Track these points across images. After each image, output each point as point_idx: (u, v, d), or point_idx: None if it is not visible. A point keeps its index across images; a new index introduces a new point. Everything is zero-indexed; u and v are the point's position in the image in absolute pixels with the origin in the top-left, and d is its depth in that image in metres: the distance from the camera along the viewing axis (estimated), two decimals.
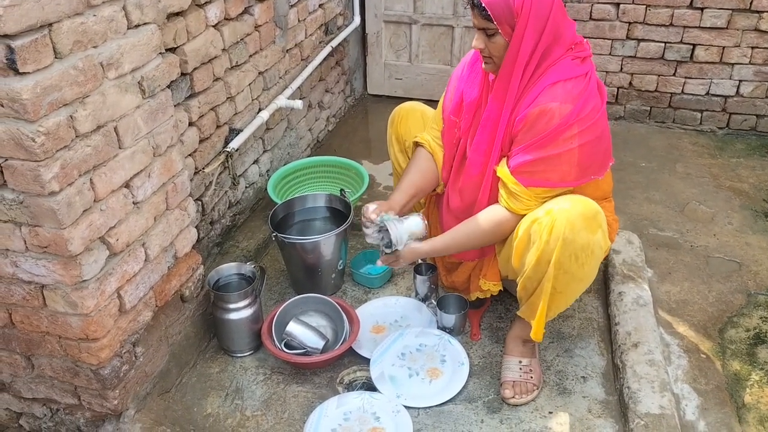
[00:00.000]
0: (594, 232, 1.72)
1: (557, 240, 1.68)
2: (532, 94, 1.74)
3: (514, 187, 1.77)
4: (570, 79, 1.72)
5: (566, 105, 1.69)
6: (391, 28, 3.85)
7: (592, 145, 1.74)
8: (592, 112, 1.72)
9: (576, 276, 1.75)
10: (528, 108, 1.73)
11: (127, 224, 1.67)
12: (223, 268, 2.15)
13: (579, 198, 1.73)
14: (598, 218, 1.73)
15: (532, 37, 1.69)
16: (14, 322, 1.68)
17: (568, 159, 1.72)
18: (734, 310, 2.26)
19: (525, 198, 1.77)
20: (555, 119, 1.69)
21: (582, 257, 1.72)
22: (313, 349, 2.01)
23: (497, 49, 1.74)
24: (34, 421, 1.89)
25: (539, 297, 1.79)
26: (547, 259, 1.71)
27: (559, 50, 1.74)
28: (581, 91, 1.71)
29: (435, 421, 1.86)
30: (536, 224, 1.72)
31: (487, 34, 1.73)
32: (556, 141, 1.70)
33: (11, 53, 1.28)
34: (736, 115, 3.44)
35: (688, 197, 2.94)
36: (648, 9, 3.31)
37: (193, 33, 2.09)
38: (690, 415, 1.88)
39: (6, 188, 1.45)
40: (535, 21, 1.67)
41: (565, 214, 1.68)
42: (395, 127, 2.26)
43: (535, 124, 1.72)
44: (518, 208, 1.79)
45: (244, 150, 2.61)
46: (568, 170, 1.74)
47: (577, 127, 1.70)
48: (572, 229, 1.68)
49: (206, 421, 1.90)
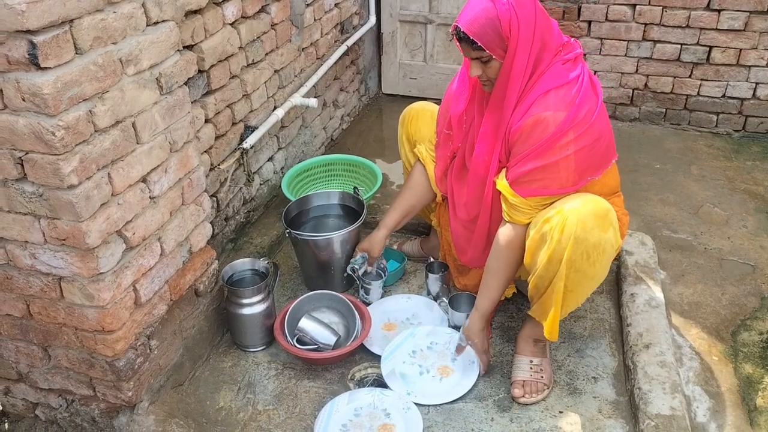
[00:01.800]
0: (605, 230, 1.72)
1: (569, 238, 1.68)
2: (525, 104, 1.76)
3: (513, 200, 1.79)
4: (562, 86, 1.73)
5: (560, 113, 1.70)
6: (407, 28, 3.86)
7: (589, 149, 1.74)
8: (587, 116, 1.72)
9: (587, 274, 1.76)
10: (522, 119, 1.74)
11: (143, 218, 1.70)
12: (236, 263, 2.17)
13: (590, 196, 1.74)
14: (610, 216, 1.74)
15: (524, 51, 1.71)
16: (32, 314, 1.71)
17: (566, 165, 1.73)
18: (747, 313, 2.25)
19: (525, 209, 1.79)
20: (550, 128, 1.70)
21: (594, 255, 1.73)
22: (324, 345, 2.03)
23: (495, 72, 1.77)
24: (50, 412, 1.92)
25: (551, 296, 1.79)
26: (559, 257, 1.71)
27: (548, 56, 1.75)
28: (574, 96, 1.72)
29: (445, 419, 1.87)
30: (548, 223, 1.72)
31: (482, 61, 1.75)
32: (552, 149, 1.71)
33: (33, 48, 1.31)
34: (752, 118, 3.41)
35: (703, 199, 2.92)
36: (664, 10, 3.29)
37: (210, 31, 2.11)
38: (701, 417, 1.87)
39: (26, 181, 1.47)
40: (524, 36, 1.70)
41: (576, 212, 1.68)
42: (406, 127, 2.29)
43: (530, 134, 1.73)
44: (520, 219, 1.81)
45: (259, 147, 2.63)
46: (566, 176, 1.75)
47: (572, 132, 1.70)
48: (584, 228, 1.68)
49: (218, 414, 1.92)
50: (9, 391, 1.94)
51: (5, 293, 1.69)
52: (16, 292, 1.68)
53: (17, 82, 1.34)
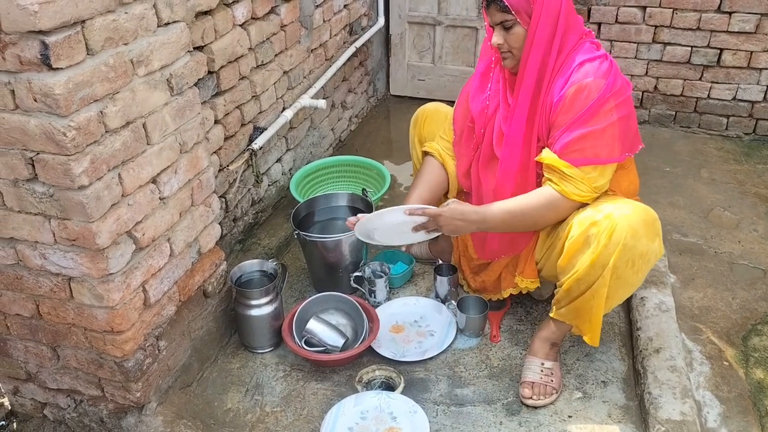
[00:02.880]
0: (653, 240, 1.72)
1: (617, 245, 1.67)
2: (562, 76, 1.76)
3: (566, 170, 1.75)
4: (596, 58, 1.76)
5: (600, 80, 1.72)
6: (415, 29, 3.85)
7: (627, 120, 1.76)
8: (623, 88, 1.75)
9: (628, 282, 1.75)
10: (563, 89, 1.75)
11: (153, 219, 1.70)
12: (245, 264, 2.17)
13: (639, 204, 1.75)
14: (657, 225, 1.74)
15: (548, 22, 1.73)
16: (41, 314, 1.71)
17: (612, 132, 1.73)
18: (758, 317, 2.23)
19: (578, 179, 1.75)
20: (593, 93, 1.71)
21: (638, 264, 1.72)
22: (332, 347, 2.02)
23: (517, 40, 1.77)
24: (58, 412, 1.92)
25: (590, 301, 1.77)
26: (603, 263, 1.69)
27: (573, 38, 1.78)
28: (609, 68, 1.75)
29: (453, 422, 1.86)
30: (595, 227, 1.70)
31: (505, 27, 1.77)
32: (597, 114, 1.71)
33: (45, 49, 1.31)
34: (763, 121, 3.39)
35: (713, 203, 2.90)
36: (675, 12, 3.28)
37: (220, 32, 2.12)
38: (712, 423, 1.86)
39: (37, 181, 1.48)
40: (550, 6, 1.72)
41: (627, 219, 1.67)
42: (418, 128, 2.27)
43: (574, 102, 1.73)
44: (571, 191, 1.76)
45: (267, 148, 2.63)
46: (613, 144, 1.74)
47: (613, 100, 1.72)
48: (634, 235, 1.67)
49: (226, 415, 1.91)
50: (18, 391, 1.94)
51: (15, 293, 1.69)
52: (25, 292, 1.68)
53: (29, 83, 1.34)
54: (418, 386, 1.99)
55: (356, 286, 2.29)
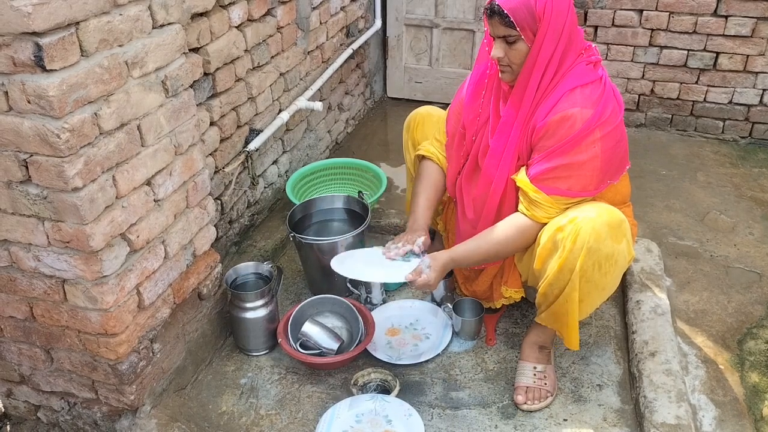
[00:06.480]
0: (619, 242, 1.71)
1: (581, 248, 1.66)
2: (550, 101, 1.73)
3: (535, 196, 1.75)
4: (588, 84, 1.71)
5: (587, 110, 1.68)
6: (412, 32, 3.85)
7: (612, 150, 1.73)
8: (612, 116, 1.71)
9: (598, 285, 1.74)
10: (548, 116, 1.72)
11: (147, 221, 1.69)
12: (240, 267, 2.17)
13: (604, 206, 1.72)
14: (623, 227, 1.72)
15: (552, 41, 1.68)
16: (35, 316, 1.70)
17: (592, 165, 1.71)
18: (754, 321, 2.23)
19: (547, 206, 1.75)
20: (577, 124, 1.68)
21: (605, 266, 1.71)
22: (328, 350, 2.02)
23: (518, 56, 1.72)
24: (51, 414, 1.92)
25: (564, 305, 1.77)
26: (571, 267, 1.70)
27: (572, 55, 1.73)
28: (600, 95, 1.70)
29: (448, 425, 1.86)
30: (561, 232, 1.70)
31: (508, 41, 1.71)
32: (579, 146, 1.69)
33: (39, 51, 1.30)
34: (759, 125, 3.40)
35: (709, 206, 2.90)
36: (671, 16, 3.28)
37: (216, 33, 2.11)
38: (707, 427, 1.86)
39: (30, 183, 1.47)
40: (555, 25, 1.67)
41: (591, 222, 1.67)
42: (411, 132, 2.25)
43: (557, 130, 1.70)
44: (540, 216, 1.77)
45: (263, 150, 2.63)
46: (590, 177, 1.72)
47: (599, 131, 1.69)
48: (597, 238, 1.67)
49: (221, 418, 1.91)
50: (11, 394, 1.93)
51: (8, 295, 1.69)
52: (19, 294, 1.67)
53: (22, 84, 1.34)
54: (414, 389, 1.98)
55: (352, 288, 2.29)
